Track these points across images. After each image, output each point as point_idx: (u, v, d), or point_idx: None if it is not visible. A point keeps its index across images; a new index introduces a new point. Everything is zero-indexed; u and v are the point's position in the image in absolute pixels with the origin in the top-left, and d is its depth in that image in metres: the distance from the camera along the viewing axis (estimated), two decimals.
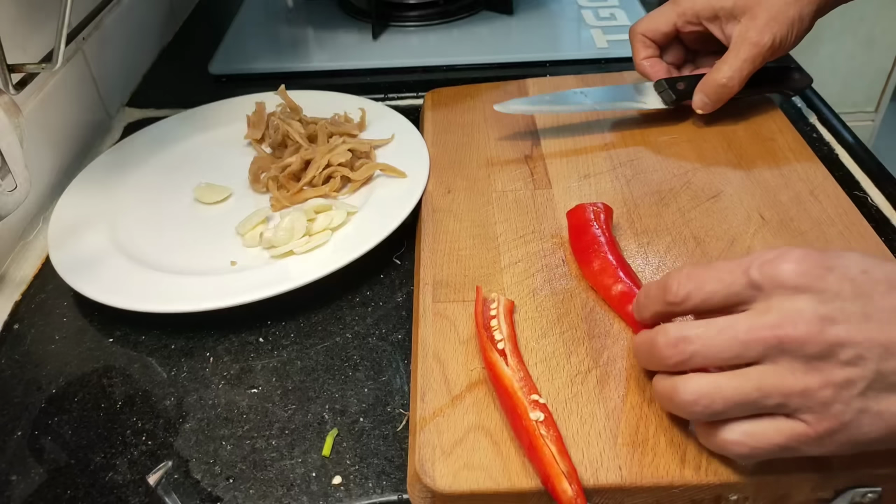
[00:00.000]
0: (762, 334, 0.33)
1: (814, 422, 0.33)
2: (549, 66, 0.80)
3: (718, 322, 0.35)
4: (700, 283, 0.36)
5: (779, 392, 0.33)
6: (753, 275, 0.34)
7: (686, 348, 0.35)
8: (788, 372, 0.33)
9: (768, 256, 0.34)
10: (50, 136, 0.64)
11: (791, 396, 0.33)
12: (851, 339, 0.32)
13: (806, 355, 0.33)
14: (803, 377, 0.33)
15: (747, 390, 0.34)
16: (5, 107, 0.48)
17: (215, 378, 0.48)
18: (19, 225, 0.60)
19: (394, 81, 0.78)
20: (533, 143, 0.63)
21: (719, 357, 0.34)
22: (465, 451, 0.39)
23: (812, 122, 0.69)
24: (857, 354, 0.32)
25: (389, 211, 0.56)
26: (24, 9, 0.60)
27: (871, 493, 0.38)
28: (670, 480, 0.37)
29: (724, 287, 0.35)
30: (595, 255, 0.48)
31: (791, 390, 0.33)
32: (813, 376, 0.33)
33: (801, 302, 0.33)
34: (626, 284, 0.46)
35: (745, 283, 0.35)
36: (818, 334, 0.32)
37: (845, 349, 0.32)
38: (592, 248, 0.49)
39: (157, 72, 0.85)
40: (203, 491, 0.41)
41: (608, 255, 0.48)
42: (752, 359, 0.34)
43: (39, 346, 0.51)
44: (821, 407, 0.33)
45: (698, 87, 0.61)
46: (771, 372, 0.33)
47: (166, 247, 0.56)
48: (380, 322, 0.51)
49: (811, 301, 0.33)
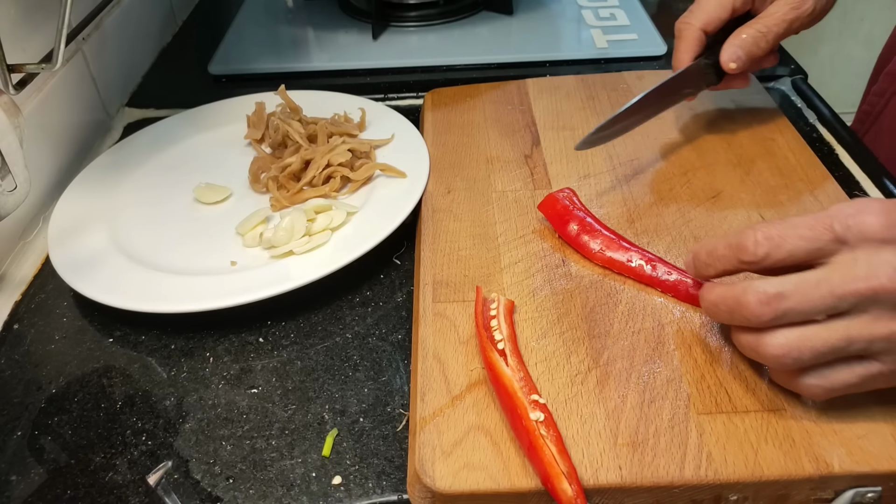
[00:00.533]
0: (857, 286, 0.35)
1: (890, 361, 0.36)
2: (549, 66, 0.80)
3: (810, 277, 0.36)
4: (780, 241, 0.37)
5: (865, 339, 0.35)
6: (837, 229, 0.36)
7: (780, 305, 0.36)
8: (876, 319, 0.35)
9: (849, 211, 0.36)
10: (50, 136, 0.64)
11: (875, 341, 0.35)
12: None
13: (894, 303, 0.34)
14: (889, 323, 0.35)
15: (834, 340, 0.35)
16: (5, 107, 0.48)
17: (215, 378, 0.48)
18: (19, 225, 0.60)
19: (394, 81, 0.78)
20: (533, 143, 0.63)
21: (814, 311, 0.36)
22: (465, 451, 0.39)
23: (812, 122, 0.69)
24: None
25: (389, 211, 0.56)
26: (24, 9, 0.60)
27: (871, 493, 0.38)
28: (670, 480, 0.37)
29: (807, 243, 0.36)
30: (593, 236, 0.50)
31: (878, 336, 0.35)
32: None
33: (889, 253, 0.35)
34: (640, 254, 0.48)
35: (829, 239, 0.36)
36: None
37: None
38: (586, 230, 0.51)
39: (156, 72, 0.85)
40: (203, 491, 0.41)
41: (604, 231, 0.50)
42: (845, 310, 0.35)
43: (39, 346, 0.51)
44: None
45: (729, 41, 0.56)
46: (857, 321, 0.35)
47: (166, 247, 0.56)
48: (380, 322, 0.51)
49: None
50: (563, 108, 0.67)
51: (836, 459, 0.38)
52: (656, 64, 0.80)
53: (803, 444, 0.39)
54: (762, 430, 0.39)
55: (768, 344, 0.37)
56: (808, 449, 0.38)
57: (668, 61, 0.80)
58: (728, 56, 0.55)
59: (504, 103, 0.68)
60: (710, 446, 0.39)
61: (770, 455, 0.38)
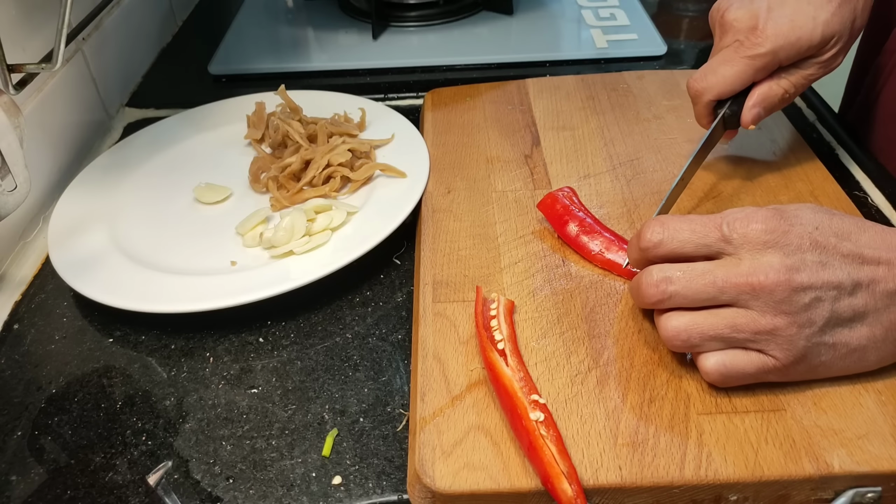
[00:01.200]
0: (737, 281, 0.38)
1: (780, 356, 0.39)
2: (549, 66, 0.80)
3: (697, 267, 0.40)
4: (673, 232, 0.41)
5: (749, 330, 0.38)
6: (725, 231, 0.39)
7: (667, 288, 0.40)
8: (758, 314, 0.38)
9: (738, 215, 0.40)
10: (50, 136, 0.64)
11: (760, 334, 0.38)
12: (812, 283, 0.38)
13: (774, 300, 0.38)
14: (772, 318, 0.38)
15: (720, 327, 0.39)
16: (5, 107, 0.48)
17: (215, 378, 0.48)
18: (19, 225, 0.60)
19: (394, 81, 0.78)
20: (533, 143, 0.63)
21: (697, 298, 0.39)
22: (465, 451, 0.39)
23: (812, 122, 0.69)
24: (815, 297, 0.38)
25: (389, 211, 0.56)
26: (24, 9, 0.60)
27: (871, 493, 0.38)
28: (670, 480, 0.37)
29: (696, 237, 0.40)
30: (593, 237, 0.50)
31: (761, 329, 0.38)
32: (780, 318, 0.38)
33: (770, 255, 0.38)
34: None
35: (717, 237, 0.40)
36: (786, 282, 0.38)
37: (807, 293, 0.38)
38: (585, 231, 0.51)
39: (156, 72, 0.85)
40: (203, 491, 0.41)
41: (604, 233, 0.51)
42: (726, 302, 0.39)
43: (39, 346, 0.51)
44: (786, 342, 0.38)
45: (754, 102, 0.52)
46: (742, 313, 0.39)
47: (166, 247, 0.56)
48: (380, 322, 0.51)
49: (778, 254, 0.38)
50: (563, 108, 0.67)
51: (836, 459, 0.38)
52: (656, 64, 0.80)
53: (803, 444, 0.39)
54: (762, 430, 0.39)
55: (663, 325, 0.41)
56: (808, 449, 0.38)
57: (668, 61, 0.80)
58: (751, 119, 0.53)
59: (504, 103, 0.68)
60: (710, 446, 0.39)
61: (770, 455, 0.38)
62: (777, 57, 0.50)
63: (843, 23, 0.50)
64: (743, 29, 0.51)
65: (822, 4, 0.49)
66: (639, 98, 0.68)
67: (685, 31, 0.88)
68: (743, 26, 0.51)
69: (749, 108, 0.52)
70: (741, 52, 0.51)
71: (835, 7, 0.49)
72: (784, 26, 0.49)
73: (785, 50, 0.50)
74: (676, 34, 0.87)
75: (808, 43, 0.50)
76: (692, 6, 0.93)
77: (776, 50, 0.50)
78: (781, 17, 0.49)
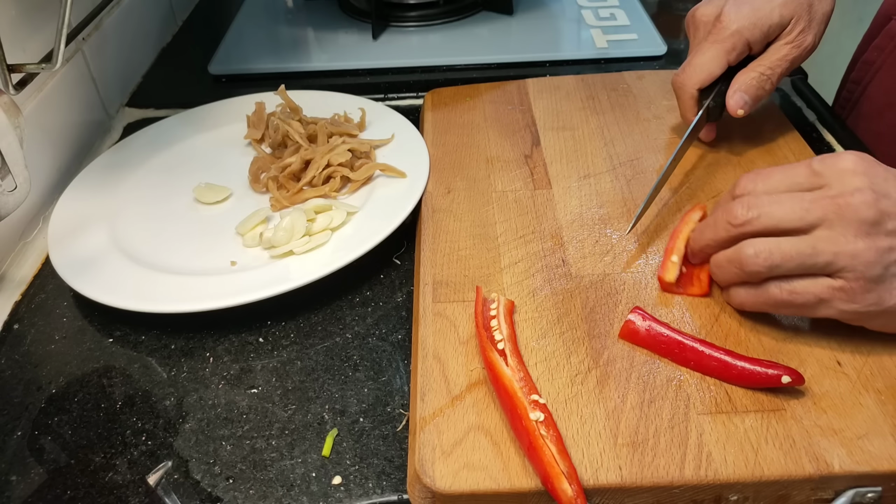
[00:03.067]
0: (824, 202, 0.40)
1: (853, 279, 0.40)
2: (549, 66, 0.80)
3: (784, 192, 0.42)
4: (765, 176, 0.43)
5: (831, 251, 0.40)
6: (816, 166, 0.42)
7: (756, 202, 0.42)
8: (841, 235, 0.40)
9: (827, 155, 0.42)
10: (50, 136, 0.64)
11: (840, 255, 0.39)
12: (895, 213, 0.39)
13: (860, 220, 0.39)
14: (854, 240, 0.39)
15: (803, 247, 0.40)
16: (5, 107, 0.48)
17: (215, 378, 0.48)
18: (19, 225, 0.60)
19: (394, 81, 0.78)
20: (533, 143, 0.63)
21: (785, 218, 0.41)
22: (465, 451, 0.39)
23: (812, 122, 0.69)
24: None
25: (389, 211, 0.56)
26: (24, 9, 0.60)
27: (871, 493, 0.38)
28: (670, 480, 0.37)
29: (787, 178, 0.43)
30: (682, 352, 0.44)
31: (842, 250, 0.39)
32: (863, 240, 0.39)
33: (858, 180, 0.40)
34: None
35: (807, 173, 0.42)
36: (874, 203, 0.39)
37: (891, 220, 0.39)
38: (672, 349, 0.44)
39: (156, 72, 0.85)
40: (203, 491, 0.41)
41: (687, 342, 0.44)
42: (812, 223, 0.40)
43: (39, 346, 0.51)
44: (864, 266, 0.39)
45: (735, 88, 0.56)
46: (826, 235, 0.40)
47: (166, 247, 0.56)
48: (380, 322, 0.51)
49: (866, 180, 0.40)
50: (563, 108, 0.67)
51: (836, 459, 0.38)
52: (656, 64, 0.80)
53: (803, 444, 0.39)
54: (762, 430, 0.39)
55: (745, 247, 0.42)
56: (808, 449, 0.38)
57: (668, 61, 0.80)
58: (735, 104, 0.56)
59: (504, 103, 0.68)
60: (710, 446, 0.39)
61: (770, 455, 0.38)
62: (743, 36, 0.55)
63: (799, 3, 0.55)
64: (710, 21, 0.57)
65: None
66: (639, 98, 0.68)
67: (685, 31, 0.88)
68: (709, 19, 0.57)
69: (731, 93, 0.56)
70: (710, 39, 0.56)
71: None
72: (745, 11, 0.55)
73: (748, 30, 0.55)
74: (676, 34, 0.87)
75: (768, 22, 0.55)
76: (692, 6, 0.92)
77: (740, 30, 0.55)
78: (743, 5, 0.55)
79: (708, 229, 0.46)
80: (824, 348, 0.44)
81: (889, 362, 0.43)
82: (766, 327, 0.45)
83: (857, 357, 0.43)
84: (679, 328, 0.45)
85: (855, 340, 0.44)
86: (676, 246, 0.49)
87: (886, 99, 0.65)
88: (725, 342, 0.44)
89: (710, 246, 0.46)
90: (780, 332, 0.45)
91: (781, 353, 0.44)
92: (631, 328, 0.44)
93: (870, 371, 0.42)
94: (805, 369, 0.42)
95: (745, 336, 0.45)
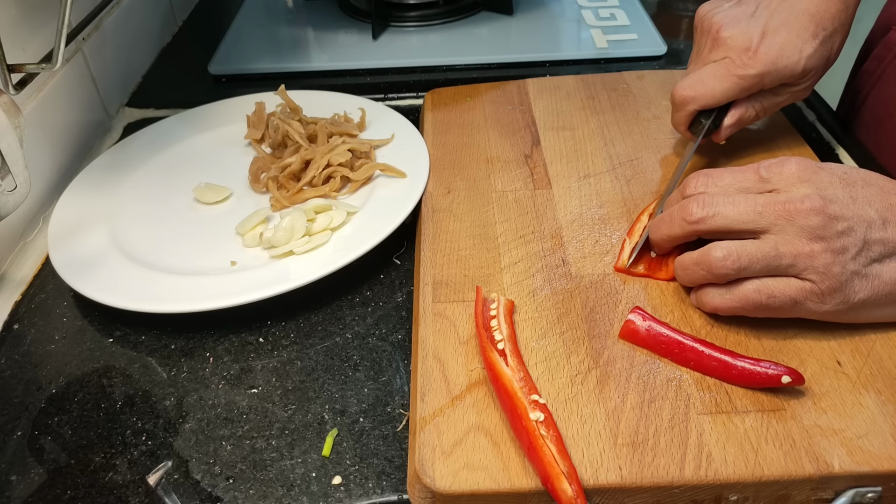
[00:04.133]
0: (776, 207, 0.42)
1: (818, 280, 0.41)
2: (549, 66, 0.80)
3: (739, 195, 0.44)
4: (716, 177, 0.45)
5: (791, 253, 0.41)
6: (763, 172, 0.44)
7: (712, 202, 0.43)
8: (796, 238, 0.41)
9: (772, 160, 0.44)
10: (50, 136, 0.64)
11: (800, 258, 0.41)
12: (844, 214, 0.41)
13: (810, 225, 0.41)
14: (809, 243, 0.41)
15: (767, 249, 0.42)
16: (5, 107, 0.48)
17: (215, 378, 0.48)
18: (19, 225, 0.60)
19: (394, 81, 0.78)
20: (533, 143, 0.63)
21: (738, 219, 0.43)
22: (465, 451, 0.39)
23: (812, 122, 0.69)
24: (848, 227, 0.41)
25: (389, 211, 0.56)
26: (24, 9, 0.60)
27: (871, 493, 0.38)
28: (670, 480, 0.37)
29: (737, 181, 0.44)
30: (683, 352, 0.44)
31: (800, 252, 0.41)
32: (816, 243, 0.41)
33: (805, 188, 0.42)
34: None
35: (755, 178, 0.44)
36: (821, 208, 0.41)
37: (840, 222, 0.41)
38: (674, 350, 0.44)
39: (156, 72, 0.85)
40: (203, 491, 0.41)
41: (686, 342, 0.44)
42: (765, 227, 0.42)
43: (39, 346, 0.51)
44: (823, 267, 0.41)
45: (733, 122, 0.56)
46: (783, 239, 0.42)
47: (166, 247, 0.56)
48: (380, 322, 0.51)
49: (812, 187, 0.42)
50: (563, 108, 0.67)
51: (836, 459, 0.38)
52: (656, 64, 0.80)
53: (803, 444, 0.39)
54: (762, 430, 0.39)
55: (713, 250, 0.43)
56: (808, 449, 0.38)
57: (668, 61, 0.80)
58: (725, 137, 0.57)
59: (504, 103, 0.68)
60: (710, 446, 0.39)
61: (770, 455, 0.38)
62: (762, 81, 0.53)
63: (821, 59, 0.54)
64: (736, 48, 0.53)
65: (807, 39, 0.53)
66: (639, 98, 0.68)
67: (685, 31, 0.88)
68: (737, 45, 0.53)
69: (726, 126, 0.56)
70: (732, 70, 0.53)
71: (818, 44, 0.53)
72: (773, 53, 0.52)
73: (770, 76, 0.53)
74: (676, 34, 0.87)
75: (790, 72, 0.53)
76: (692, 6, 0.93)
77: (763, 73, 0.53)
78: (773, 45, 0.52)
79: (664, 224, 0.47)
80: (824, 348, 0.44)
81: (889, 362, 0.43)
82: (766, 327, 0.45)
83: (857, 357, 0.43)
84: (679, 328, 0.45)
85: (855, 340, 0.44)
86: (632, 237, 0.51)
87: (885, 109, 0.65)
88: (725, 342, 0.44)
89: (665, 240, 0.47)
90: (780, 332, 0.45)
91: (781, 353, 0.44)
92: (631, 328, 0.44)
93: (870, 371, 0.42)
94: (805, 369, 0.42)
95: (745, 336, 0.45)
